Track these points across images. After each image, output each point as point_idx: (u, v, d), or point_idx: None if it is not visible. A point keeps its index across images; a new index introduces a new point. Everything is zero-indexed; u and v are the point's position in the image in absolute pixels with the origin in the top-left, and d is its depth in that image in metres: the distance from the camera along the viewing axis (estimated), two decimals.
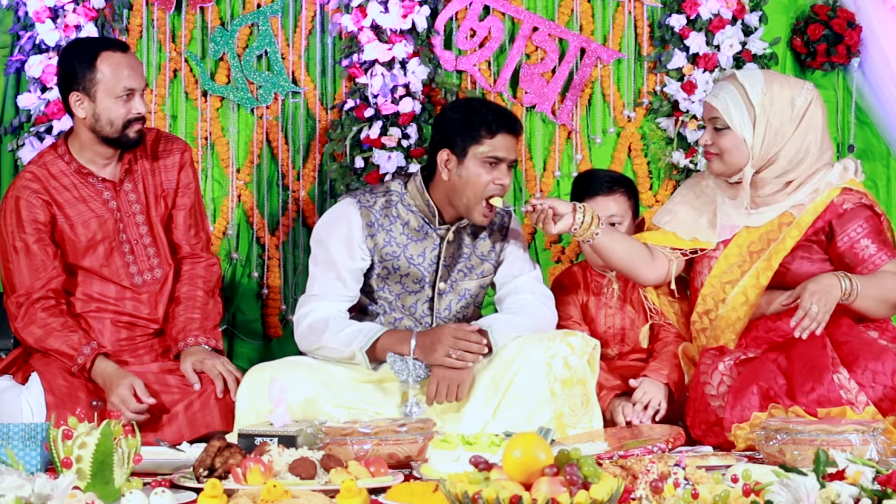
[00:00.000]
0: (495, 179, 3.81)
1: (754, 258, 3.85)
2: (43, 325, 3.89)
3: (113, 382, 3.80)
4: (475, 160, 3.80)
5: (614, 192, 4.15)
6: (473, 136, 3.80)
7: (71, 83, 3.91)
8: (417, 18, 4.96)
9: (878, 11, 5.10)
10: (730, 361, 3.76)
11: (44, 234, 3.93)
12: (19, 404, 3.83)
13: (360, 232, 3.88)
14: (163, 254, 4.04)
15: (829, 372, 3.58)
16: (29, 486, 2.50)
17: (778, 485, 2.50)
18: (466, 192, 3.82)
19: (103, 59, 3.88)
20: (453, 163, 3.83)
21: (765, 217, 3.87)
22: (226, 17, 5.04)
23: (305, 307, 3.90)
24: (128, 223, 4.00)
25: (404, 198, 3.92)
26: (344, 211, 3.92)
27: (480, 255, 3.98)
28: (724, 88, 3.86)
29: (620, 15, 5.11)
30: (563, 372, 3.75)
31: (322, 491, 2.81)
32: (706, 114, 3.89)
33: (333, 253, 3.88)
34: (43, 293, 3.91)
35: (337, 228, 3.90)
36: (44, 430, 3.16)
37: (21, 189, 3.94)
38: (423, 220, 3.90)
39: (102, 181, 3.98)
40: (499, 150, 3.80)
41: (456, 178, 3.83)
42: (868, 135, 5.11)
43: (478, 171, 3.81)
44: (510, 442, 2.51)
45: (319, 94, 5.06)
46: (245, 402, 3.71)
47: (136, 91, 3.90)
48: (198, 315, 4.02)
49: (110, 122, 3.90)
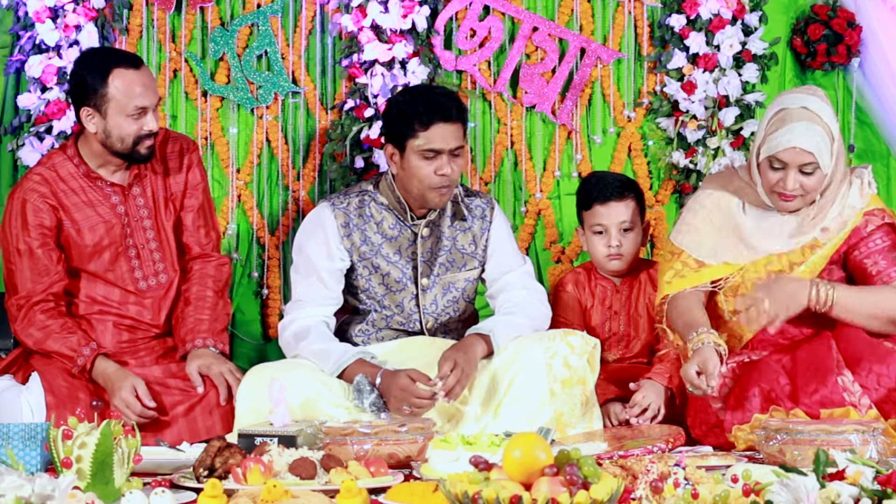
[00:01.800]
0: (437, 170, 3.79)
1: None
2: (42, 327, 3.89)
3: (115, 384, 3.80)
4: (414, 153, 3.80)
5: (625, 197, 4.15)
6: (408, 130, 3.79)
7: (82, 98, 3.87)
8: (417, 18, 4.95)
9: (878, 11, 5.09)
10: (732, 364, 3.75)
11: (49, 238, 3.91)
12: (19, 404, 3.83)
13: (336, 233, 3.89)
14: (169, 259, 4.03)
15: (833, 374, 3.58)
16: (29, 486, 2.50)
17: (778, 485, 2.50)
18: (413, 184, 3.83)
19: (115, 76, 3.84)
20: (397, 156, 3.84)
21: (796, 243, 3.80)
22: (226, 17, 5.03)
23: (291, 314, 3.92)
24: (135, 228, 3.98)
25: (377, 197, 3.92)
26: (318, 215, 3.93)
27: (461, 248, 3.97)
28: (811, 130, 3.66)
29: (620, 15, 5.10)
30: (563, 371, 3.75)
31: (322, 491, 2.81)
32: (793, 158, 3.67)
33: (312, 256, 3.89)
34: (43, 297, 3.90)
35: (314, 233, 3.91)
36: (44, 430, 3.16)
37: (28, 192, 3.91)
38: (397, 217, 3.90)
39: (111, 185, 3.96)
40: (434, 142, 3.77)
41: (401, 172, 3.84)
42: (868, 135, 5.11)
43: (418, 163, 3.80)
44: (510, 442, 2.51)
45: (319, 94, 5.06)
46: (245, 402, 3.72)
47: (149, 108, 3.86)
48: (207, 316, 4.01)
49: (121, 139, 3.87)
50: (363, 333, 3.99)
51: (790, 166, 3.69)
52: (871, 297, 3.73)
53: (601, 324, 4.23)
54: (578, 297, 4.25)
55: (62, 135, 4.77)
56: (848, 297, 3.70)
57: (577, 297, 4.25)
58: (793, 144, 3.66)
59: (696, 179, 5.00)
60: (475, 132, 5.10)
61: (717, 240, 3.86)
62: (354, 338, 3.99)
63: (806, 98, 3.74)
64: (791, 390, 3.62)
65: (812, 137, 3.66)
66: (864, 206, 3.79)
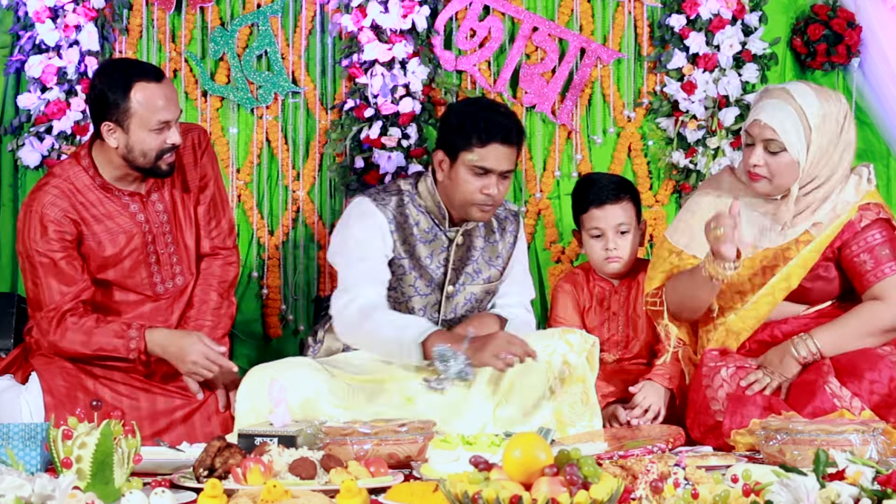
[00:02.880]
0: (483, 188, 3.78)
1: (766, 273, 3.80)
2: (78, 328, 3.82)
3: (182, 347, 3.77)
4: (465, 166, 3.79)
5: (621, 199, 4.14)
6: (465, 142, 3.77)
7: (103, 113, 3.78)
8: (417, 18, 4.95)
9: (878, 11, 5.09)
10: (731, 368, 3.75)
11: (71, 249, 3.84)
12: (19, 404, 3.83)
13: (386, 224, 3.86)
14: (186, 262, 3.99)
15: (820, 381, 3.59)
16: (29, 486, 2.50)
17: (778, 485, 2.50)
18: (457, 195, 3.82)
19: (137, 90, 3.75)
20: (446, 164, 3.83)
21: (786, 237, 3.80)
22: (226, 17, 5.03)
23: (347, 295, 3.81)
24: (157, 234, 3.92)
25: (415, 198, 3.90)
26: (362, 207, 3.88)
27: (488, 258, 3.97)
28: (780, 108, 3.70)
29: (620, 15, 5.11)
30: (563, 370, 3.75)
31: (322, 491, 2.81)
32: (758, 133, 3.71)
33: (364, 240, 3.82)
34: (73, 304, 3.83)
35: (362, 220, 3.85)
36: (44, 430, 3.16)
37: (48, 206, 3.81)
38: (434, 222, 3.89)
39: (130, 195, 3.90)
40: (487, 161, 3.77)
41: (447, 180, 3.83)
42: (868, 135, 5.11)
43: (466, 177, 3.79)
44: (510, 442, 2.51)
45: (319, 94, 5.06)
46: (245, 402, 3.71)
47: (172, 122, 3.79)
48: (209, 322, 3.99)
49: (144, 154, 3.79)
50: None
51: (756, 141, 3.71)
52: (851, 324, 3.74)
53: (599, 325, 4.23)
54: (576, 298, 4.25)
55: (62, 135, 4.77)
56: (830, 336, 3.72)
57: (576, 298, 4.25)
58: (757, 117, 3.71)
59: (696, 179, 5.00)
60: None
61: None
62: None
63: (796, 84, 3.81)
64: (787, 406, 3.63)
65: (777, 115, 3.68)
66: (859, 201, 3.78)
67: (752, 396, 3.65)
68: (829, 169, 3.77)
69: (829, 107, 3.74)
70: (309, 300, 5.05)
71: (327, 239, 5.06)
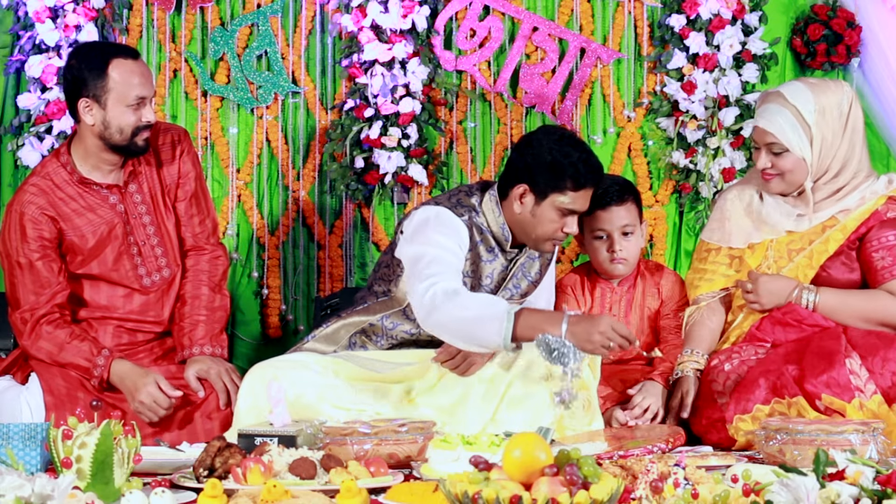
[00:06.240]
0: (564, 227, 3.75)
1: (793, 255, 3.89)
2: (50, 339, 3.85)
3: (136, 385, 3.79)
4: (552, 207, 3.72)
5: (625, 200, 4.14)
6: (559, 184, 3.70)
7: (80, 89, 3.84)
8: (417, 18, 4.96)
9: (878, 11, 5.10)
10: (736, 361, 3.78)
11: (49, 250, 3.88)
12: (19, 404, 3.83)
13: (466, 237, 3.78)
14: (171, 254, 4.02)
15: (840, 356, 3.61)
16: (29, 486, 2.50)
17: (778, 485, 2.50)
18: (535, 231, 3.76)
19: (115, 66, 3.82)
20: (529, 200, 3.74)
21: (812, 221, 3.89)
22: (226, 17, 5.04)
23: (428, 281, 3.62)
24: (135, 225, 3.97)
25: (477, 218, 3.84)
26: (447, 216, 3.78)
27: (528, 275, 3.96)
28: (775, 112, 3.83)
29: (620, 15, 5.11)
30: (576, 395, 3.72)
31: (322, 491, 2.81)
32: (760, 139, 3.85)
33: (444, 242, 3.72)
34: (48, 308, 3.86)
35: (445, 227, 3.75)
36: (44, 430, 3.16)
37: (26, 205, 3.87)
38: (495, 241, 3.86)
39: (107, 187, 3.94)
40: (577, 204, 3.72)
41: (528, 215, 3.76)
42: (868, 135, 5.09)
43: (552, 216, 3.73)
44: (510, 442, 2.51)
45: (319, 94, 5.06)
46: (245, 401, 3.70)
47: (147, 99, 3.85)
48: (203, 317, 3.99)
49: (120, 130, 3.84)
50: (376, 335, 3.94)
51: (760, 146, 3.87)
52: (858, 302, 3.82)
53: None
54: (577, 298, 4.25)
55: (62, 135, 4.78)
56: (834, 301, 3.81)
57: (576, 298, 4.25)
58: (756, 124, 3.89)
59: (696, 179, 5.01)
60: (475, 132, 5.10)
61: (741, 225, 3.97)
62: (363, 334, 3.94)
63: (790, 84, 3.93)
64: (798, 375, 3.63)
65: (774, 119, 3.81)
66: (889, 193, 3.88)
67: (758, 381, 3.66)
68: (842, 156, 3.86)
69: (827, 98, 3.82)
70: (309, 300, 5.05)
71: (327, 239, 5.06)
